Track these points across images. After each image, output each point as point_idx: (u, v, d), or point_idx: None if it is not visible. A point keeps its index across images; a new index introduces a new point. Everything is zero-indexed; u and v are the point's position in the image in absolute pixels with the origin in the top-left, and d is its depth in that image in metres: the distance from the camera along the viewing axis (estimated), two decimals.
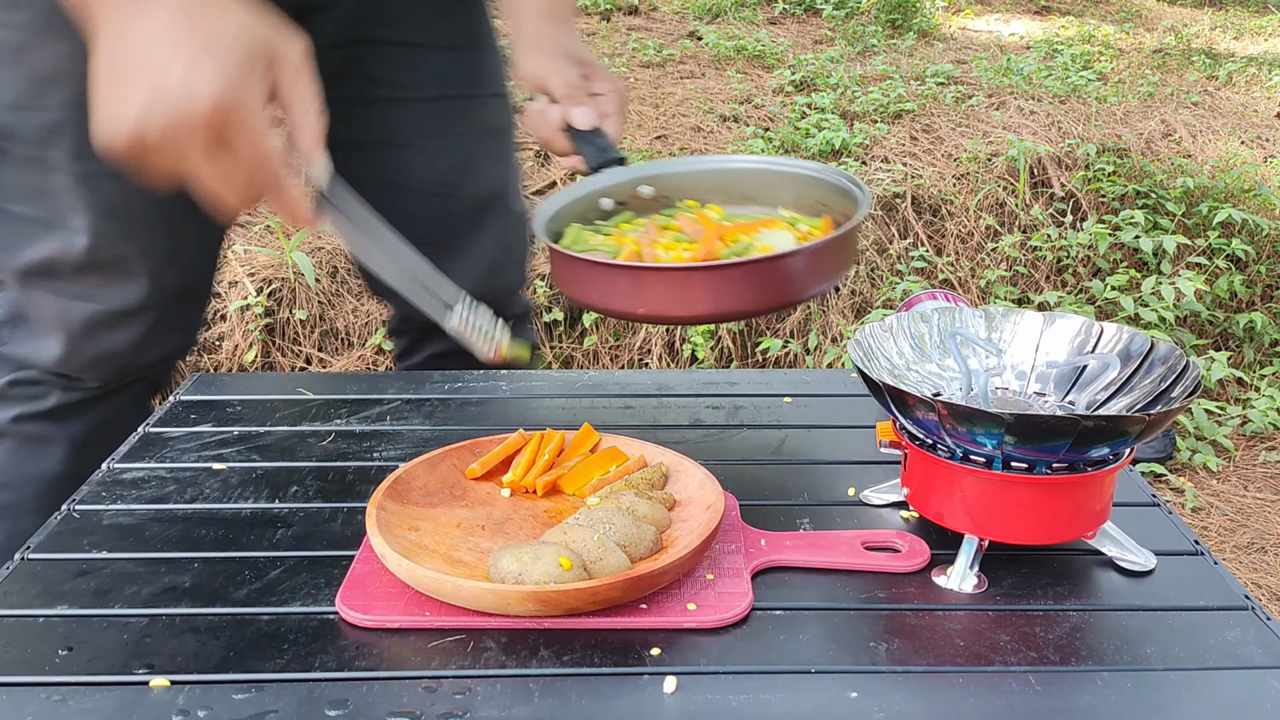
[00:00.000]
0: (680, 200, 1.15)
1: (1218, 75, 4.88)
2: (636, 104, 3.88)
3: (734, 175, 1.16)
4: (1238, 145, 3.84)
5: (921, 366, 0.94)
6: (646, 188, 1.14)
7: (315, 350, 2.74)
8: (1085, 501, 0.82)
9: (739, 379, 1.23)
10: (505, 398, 1.18)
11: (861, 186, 1.07)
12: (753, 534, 0.86)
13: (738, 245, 1.02)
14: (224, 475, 0.99)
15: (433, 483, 0.91)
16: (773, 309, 0.99)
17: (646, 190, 1.14)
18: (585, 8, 5.33)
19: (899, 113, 3.85)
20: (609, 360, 2.84)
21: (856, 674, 0.71)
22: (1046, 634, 0.75)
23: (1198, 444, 2.64)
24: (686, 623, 0.75)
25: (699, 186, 1.16)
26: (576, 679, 0.70)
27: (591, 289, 0.97)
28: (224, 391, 1.19)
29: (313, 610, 0.78)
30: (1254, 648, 0.74)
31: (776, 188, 1.15)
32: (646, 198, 1.14)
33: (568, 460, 0.95)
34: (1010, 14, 6.11)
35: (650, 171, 1.14)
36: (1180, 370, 0.85)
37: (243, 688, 0.69)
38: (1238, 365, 3.04)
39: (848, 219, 1.08)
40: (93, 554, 0.85)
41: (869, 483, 0.96)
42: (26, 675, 0.71)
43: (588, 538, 0.78)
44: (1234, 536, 2.34)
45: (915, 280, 2.99)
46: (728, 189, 1.15)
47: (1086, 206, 3.39)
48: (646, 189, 1.14)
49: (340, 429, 1.10)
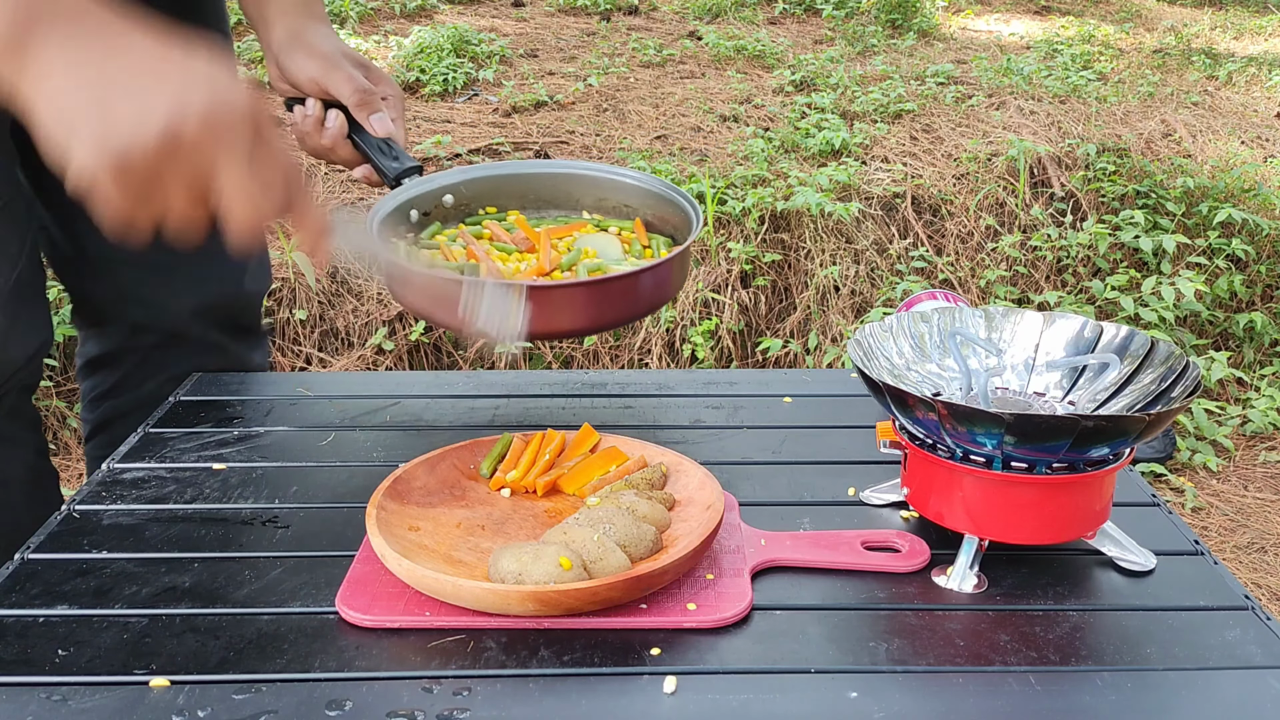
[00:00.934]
0: (480, 208, 1.14)
1: (1218, 75, 4.88)
2: (636, 104, 3.88)
3: (532, 181, 1.16)
4: (1238, 145, 3.83)
5: (921, 366, 0.94)
6: (448, 196, 1.12)
7: (315, 350, 2.74)
8: (1085, 501, 0.82)
9: (739, 379, 1.23)
10: (505, 397, 1.18)
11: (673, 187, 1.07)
12: (753, 534, 0.86)
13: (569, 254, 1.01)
14: (224, 475, 0.99)
15: (433, 483, 0.91)
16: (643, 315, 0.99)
17: (448, 199, 1.12)
18: (585, 7, 5.33)
19: (899, 113, 3.85)
20: (609, 360, 2.84)
21: (856, 674, 0.71)
22: (1046, 634, 0.75)
23: (1198, 444, 2.64)
24: (686, 623, 0.75)
25: (498, 193, 1.14)
26: (576, 679, 0.70)
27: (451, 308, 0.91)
28: (224, 391, 1.19)
29: (313, 610, 0.78)
30: (1254, 648, 0.74)
31: (575, 192, 1.15)
32: (448, 207, 1.12)
33: (568, 460, 0.95)
34: (1010, 14, 6.11)
35: (450, 180, 1.12)
36: (1180, 370, 0.85)
37: (242, 688, 0.69)
38: (1238, 365, 3.04)
39: (661, 219, 1.08)
40: (93, 554, 0.85)
41: (869, 483, 0.96)
42: (26, 675, 0.71)
43: (588, 538, 0.78)
44: (1234, 536, 2.34)
45: (915, 280, 2.99)
46: (525, 195, 1.15)
47: (1086, 206, 3.39)
48: (448, 198, 1.12)
49: (340, 429, 1.10)
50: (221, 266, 1.30)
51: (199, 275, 1.28)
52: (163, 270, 1.26)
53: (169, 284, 1.27)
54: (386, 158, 1.03)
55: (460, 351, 2.80)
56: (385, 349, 2.72)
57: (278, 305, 2.75)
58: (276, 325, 2.74)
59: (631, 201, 1.12)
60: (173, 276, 1.27)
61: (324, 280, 2.78)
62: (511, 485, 0.92)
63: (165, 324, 1.29)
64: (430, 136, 3.42)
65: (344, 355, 2.75)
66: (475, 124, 3.66)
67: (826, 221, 3.06)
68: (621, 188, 1.13)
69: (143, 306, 1.28)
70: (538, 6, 5.41)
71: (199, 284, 1.29)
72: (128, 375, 1.32)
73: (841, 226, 3.09)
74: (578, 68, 4.33)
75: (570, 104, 3.89)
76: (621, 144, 3.47)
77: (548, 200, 1.15)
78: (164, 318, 1.29)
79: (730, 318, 2.88)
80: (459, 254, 1.02)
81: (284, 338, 2.75)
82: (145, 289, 1.27)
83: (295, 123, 1.07)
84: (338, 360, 2.74)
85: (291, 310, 2.75)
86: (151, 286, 1.27)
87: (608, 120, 3.71)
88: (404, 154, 1.05)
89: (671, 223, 1.08)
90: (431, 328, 2.77)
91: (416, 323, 2.75)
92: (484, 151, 3.38)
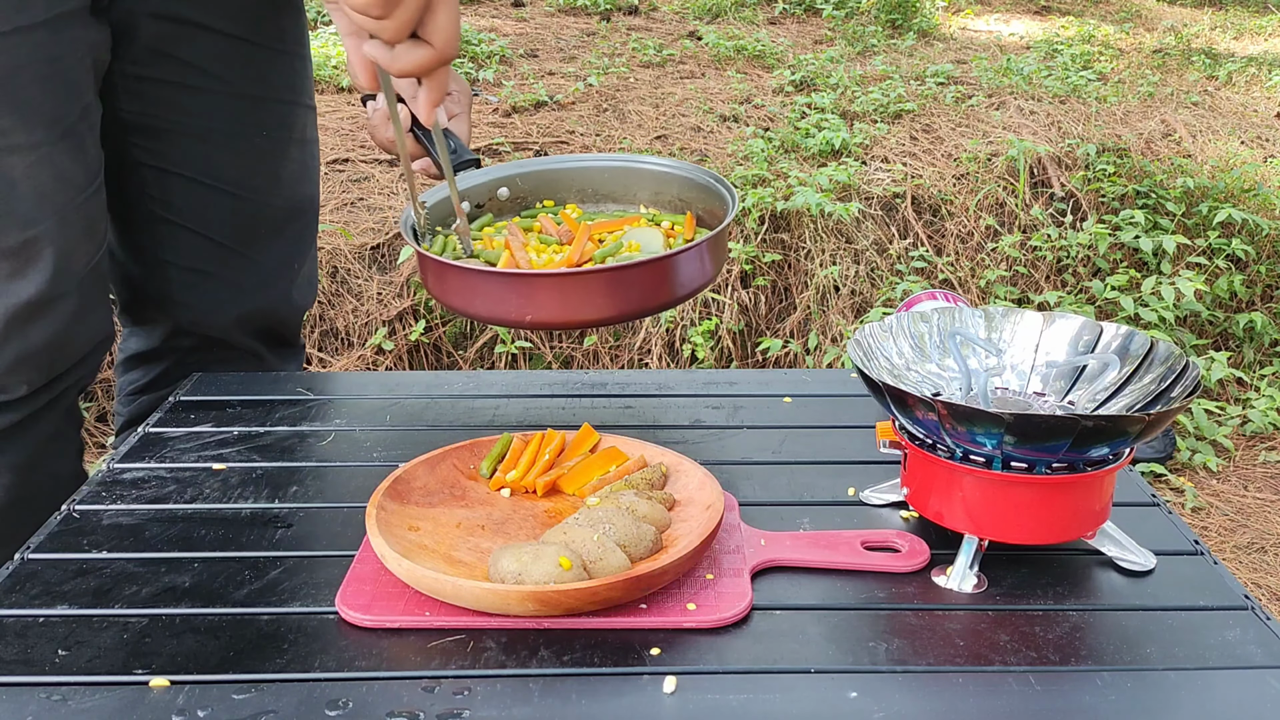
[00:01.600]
0: (537, 201, 1.15)
1: (1218, 75, 4.88)
2: (636, 104, 3.88)
3: (590, 174, 1.16)
4: (1238, 145, 3.83)
5: (921, 366, 0.94)
6: (503, 189, 1.13)
7: (315, 350, 2.74)
8: (1085, 501, 0.82)
9: (739, 379, 1.23)
10: (505, 397, 1.18)
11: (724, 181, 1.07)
12: (753, 534, 0.86)
13: (606, 247, 1.01)
14: (224, 475, 0.99)
15: (433, 483, 0.91)
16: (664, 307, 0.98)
17: (503, 192, 1.13)
18: (585, 7, 5.33)
19: (899, 113, 3.85)
20: (609, 360, 2.84)
21: (856, 674, 0.71)
22: (1046, 634, 0.75)
23: (1198, 444, 2.64)
24: (686, 623, 0.75)
25: (555, 186, 1.15)
26: (576, 679, 0.70)
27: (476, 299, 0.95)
28: (224, 391, 1.19)
29: (313, 610, 0.78)
30: (1254, 648, 0.74)
31: (634, 185, 1.15)
32: (504, 200, 1.13)
33: (568, 460, 0.95)
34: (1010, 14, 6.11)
35: (506, 173, 1.13)
36: (1180, 370, 0.85)
37: (243, 688, 0.69)
38: (1238, 365, 3.04)
39: (710, 214, 1.08)
40: (93, 554, 0.85)
41: (869, 483, 0.96)
42: (26, 675, 0.71)
43: (588, 538, 0.78)
44: (1234, 536, 2.34)
45: (915, 280, 2.99)
46: (584, 188, 1.15)
47: (1086, 206, 3.39)
48: (503, 191, 1.13)
49: (340, 429, 1.09)
50: (270, 277, 1.34)
51: (248, 283, 1.32)
52: (211, 276, 1.30)
53: (216, 290, 1.30)
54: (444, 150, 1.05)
55: (460, 351, 2.80)
56: (385, 349, 2.72)
57: None
58: None
59: (687, 195, 1.12)
60: (221, 283, 1.30)
61: (324, 280, 2.78)
62: (511, 485, 0.92)
63: (207, 328, 1.32)
64: None
65: (344, 355, 2.75)
66: (475, 124, 3.66)
67: (826, 221, 3.06)
68: (676, 181, 1.12)
69: (188, 310, 1.32)
70: (538, 6, 5.41)
71: (246, 292, 1.32)
72: (165, 373, 1.35)
73: (841, 226, 3.09)
74: (578, 68, 4.33)
75: (570, 104, 3.89)
76: (621, 144, 3.47)
77: (605, 194, 1.16)
78: (207, 322, 1.32)
79: (730, 318, 2.88)
80: (499, 244, 1.03)
81: None
82: (192, 293, 1.30)
83: (369, 116, 1.11)
84: (338, 360, 2.74)
85: None
86: (199, 291, 1.30)
87: (608, 120, 3.71)
88: (463, 147, 1.06)
89: (719, 216, 1.08)
90: (431, 327, 2.77)
91: (416, 322, 2.75)
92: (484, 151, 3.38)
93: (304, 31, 1.32)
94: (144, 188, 1.26)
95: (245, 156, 1.28)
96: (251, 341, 1.35)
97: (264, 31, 1.26)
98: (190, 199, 1.27)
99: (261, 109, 1.28)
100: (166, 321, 1.33)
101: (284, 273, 1.35)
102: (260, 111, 1.28)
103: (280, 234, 1.34)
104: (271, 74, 1.28)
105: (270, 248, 1.34)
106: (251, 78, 1.26)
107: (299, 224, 1.36)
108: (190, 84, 1.23)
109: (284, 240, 1.35)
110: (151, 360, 1.36)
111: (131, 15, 1.17)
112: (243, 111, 1.27)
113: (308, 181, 1.36)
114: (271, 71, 1.28)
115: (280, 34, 1.27)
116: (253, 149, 1.28)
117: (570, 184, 1.16)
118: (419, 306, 2.78)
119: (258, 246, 1.32)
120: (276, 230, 1.33)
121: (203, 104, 1.24)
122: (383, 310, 2.78)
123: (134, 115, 1.22)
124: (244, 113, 1.27)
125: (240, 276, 1.31)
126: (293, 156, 1.32)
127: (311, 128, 1.35)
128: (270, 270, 1.34)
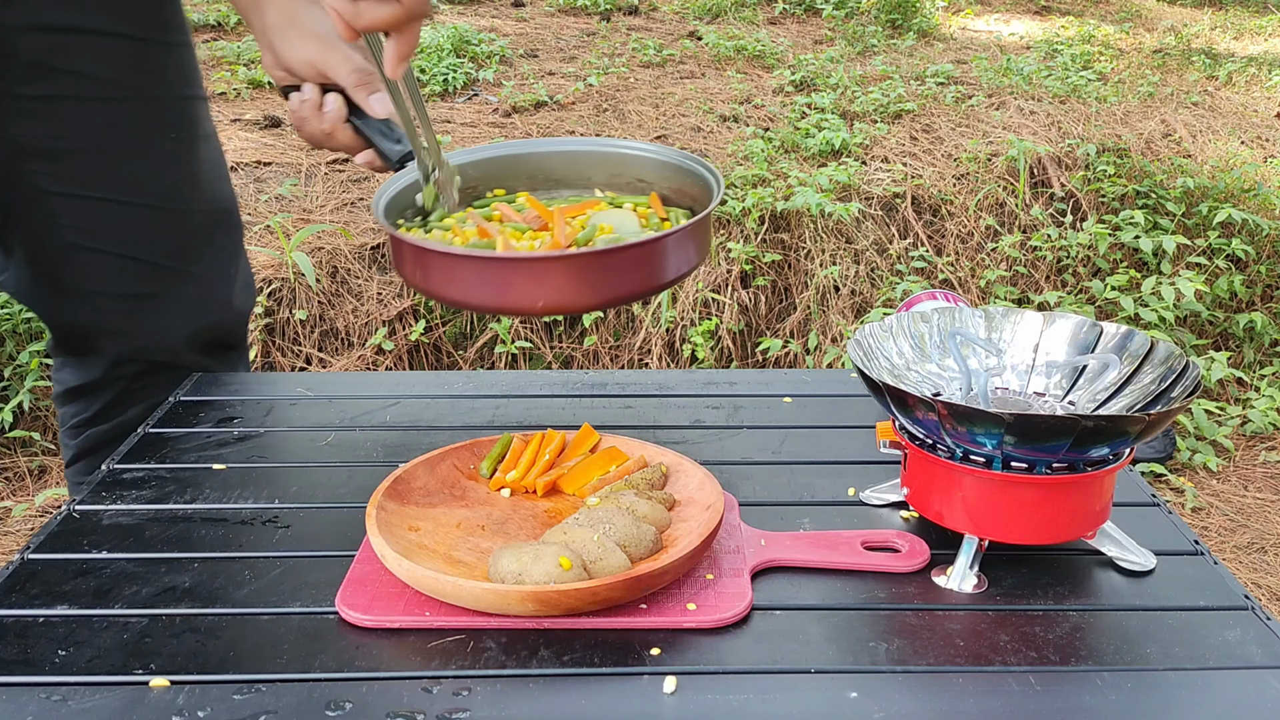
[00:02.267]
0: (488, 190, 1.08)
1: (1218, 75, 4.88)
2: (636, 104, 3.88)
3: (542, 159, 1.10)
4: (1238, 145, 3.83)
5: (921, 366, 0.94)
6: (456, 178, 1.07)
7: (315, 350, 2.74)
8: (1085, 501, 0.82)
9: (739, 379, 1.23)
10: (505, 397, 1.18)
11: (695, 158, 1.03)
12: (753, 534, 0.86)
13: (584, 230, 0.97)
14: (224, 475, 0.99)
15: (433, 483, 0.91)
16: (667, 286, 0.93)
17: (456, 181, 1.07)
18: (585, 8, 5.33)
19: (899, 113, 3.85)
20: (609, 360, 2.84)
21: (856, 674, 0.71)
22: (1046, 634, 0.75)
23: (1198, 444, 2.64)
24: (686, 623, 0.75)
25: (506, 174, 1.09)
26: (576, 679, 0.70)
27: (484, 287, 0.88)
28: (224, 391, 1.19)
29: (313, 610, 0.78)
30: (1254, 648, 0.74)
31: (587, 169, 1.10)
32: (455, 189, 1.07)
33: (568, 460, 0.95)
34: (1010, 14, 6.11)
35: (456, 161, 1.07)
36: (1180, 370, 0.85)
37: (242, 688, 0.69)
38: (1238, 365, 3.04)
39: (678, 193, 1.04)
40: (93, 554, 0.85)
41: (869, 483, 0.96)
42: (26, 675, 0.71)
43: (588, 538, 0.78)
44: (1234, 536, 2.34)
45: (915, 280, 2.99)
46: (535, 175, 1.10)
47: (1086, 206, 3.39)
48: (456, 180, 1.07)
49: (340, 429, 1.09)
50: (211, 288, 1.26)
51: (191, 300, 1.24)
52: (149, 300, 1.22)
53: (157, 315, 1.22)
54: (388, 140, 0.99)
55: (460, 352, 2.80)
56: (385, 349, 2.72)
57: (278, 305, 2.74)
58: (276, 325, 2.74)
59: (646, 176, 1.08)
60: (161, 306, 1.22)
61: (324, 280, 2.78)
62: (511, 485, 0.92)
63: (153, 354, 1.24)
64: None
65: (344, 355, 2.75)
66: (475, 124, 3.66)
67: (826, 221, 3.06)
68: (635, 162, 1.08)
69: (131, 339, 1.23)
70: (538, 6, 5.41)
71: (190, 310, 1.24)
72: (110, 404, 1.26)
73: (841, 226, 3.09)
74: (578, 68, 4.33)
75: (570, 104, 3.89)
76: None
77: (558, 179, 1.10)
78: (153, 348, 1.24)
79: (730, 318, 2.88)
80: (470, 234, 0.98)
81: (284, 338, 2.75)
82: (134, 321, 1.22)
83: (294, 109, 1.03)
84: (338, 360, 2.74)
85: (291, 310, 2.75)
86: (140, 319, 1.22)
87: (608, 120, 3.71)
88: (405, 136, 1.00)
89: (690, 194, 1.04)
90: (431, 327, 2.77)
91: (416, 322, 2.75)
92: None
93: (184, 19, 1.22)
94: (55, 217, 1.16)
95: (159, 164, 1.19)
96: (199, 357, 1.27)
97: (150, 25, 1.16)
98: (110, 221, 1.17)
99: (165, 109, 1.18)
100: (107, 353, 1.24)
101: (223, 281, 1.27)
102: (164, 112, 1.18)
103: (211, 240, 1.25)
104: (166, 69, 1.18)
105: (205, 257, 1.25)
106: (148, 78, 1.16)
107: (226, 225, 1.28)
108: (86, 95, 1.13)
109: (216, 247, 1.26)
110: (92, 393, 1.26)
111: (6, 32, 1.08)
112: (147, 116, 1.17)
113: (222, 179, 1.27)
114: (166, 67, 1.18)
115: (164, 26, 1.17)
116: (165, 154, 1.19)
117: (521, 170, 1.10)
118: (419, 306, 2.78)
119: (192, 259, 1.23)
120: (207, 237, 1.25)
121: (103, 115, 1.14)
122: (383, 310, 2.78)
123: (31, 139, 1.13)
124: (148, 117, 1.17)
125: (181, 295, 1.23)
126: (203, 155, 1.23)
127: (209, 120, 1.25)
128: (210, 282, 1.25)
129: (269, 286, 2.75)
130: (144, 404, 1.23)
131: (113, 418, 1.26)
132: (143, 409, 1.22)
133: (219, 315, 1.27)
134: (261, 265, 2.78)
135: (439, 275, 0.91)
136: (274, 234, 2.88)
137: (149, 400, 1.22)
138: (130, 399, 1.25)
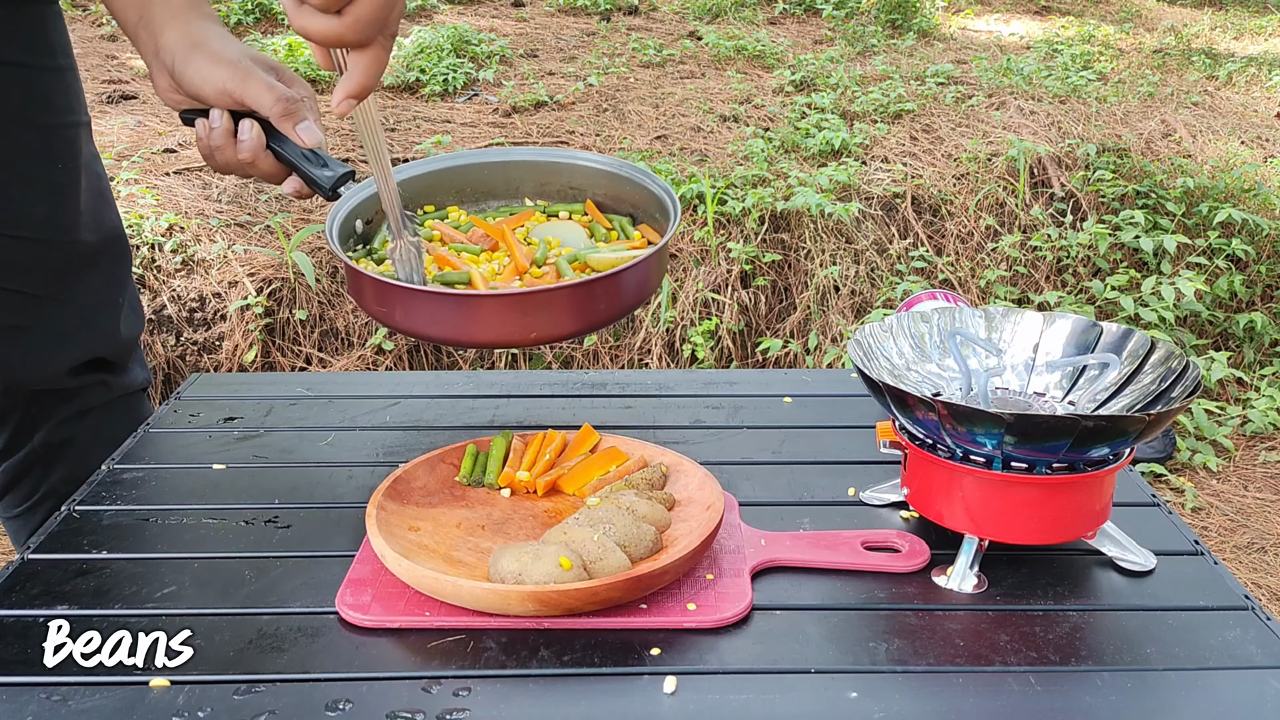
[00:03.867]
0: (418, 208, 1.06)
1: (1218, 75, 4.88)
2: (636, 104, 3.88)
3: (466, 172, 1.08)
4: (1238, 145, 3.83)
5: (921, 366, 0.94)
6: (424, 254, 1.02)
7: (315, 350, 2.74)
8: (1085, 501, 0.82)
9: (739, 379, 1.23)
10: (505, 397, 1.18)
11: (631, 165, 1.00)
12: (753, 534, 0.86)
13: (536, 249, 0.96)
14: (224, 475, 0.99)
15: (433, 483, 0.91)
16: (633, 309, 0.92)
17: None
18: (585, 8, 5.33)
19: (899, 113, 3.85)
20: (609, 360, 2.84)
21: (856, 674, 0.71)
22: (1046, 634, 0.75)
23: (1198, 444, 2.64)
24: (686, 623, 0.75)
25: (433, 190, 1.07)
26: (576, 679, 0.70)
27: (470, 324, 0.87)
28: (224, 391, 1.19)
29: (313, 610, 0.78)
30: (1254, 648, 0.74)
31: (514, 179, 1.08)
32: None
33: (568, 460, 0.95)
34: (1010, 14, 6.11)
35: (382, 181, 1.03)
36: (1180, 370, 0.85)
37: (242, 688, 0.69)
38: (1238, 365, 3.04)
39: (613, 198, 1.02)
40: (93, 554, 0.85)
41: (869, 483, 0.96)
42: (26, 675, 0.71)
43: (588, 538, 0.78)
44: (1234, 536, 2.34)
45: (915, 280, 2.99)
46: (463, 188, 1.08)
47: (1086, 206, 3.39)
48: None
49: (340, 429, 1.10)
50: (93, 317, 1.19)
51: (71, 330, 1.17)
52: (28, 331, 1.15)
53: (36, 345, 1.16)
54: (316, 166, 0.94)
55: (460, 352, 2.79)
56: (385, 349, 2.72)
57: (278, 305, 2.75)
58: (276, 325, 2.74)
59: (577, 183, 1.06)
60: (41, 336, 1.16)
61: (324, 280, 2.78)
62: (512, 485, 0.92)
63: (36, 384, 1.18)
64: (430, 137, 3.42)
65: (344, 355, 2.75)
66: (475, 124, 3.66)
67: (826, 221, 3.06)
68: (564, 169, 1.06)
69: (9, 370, 1.16)
70: (538, 6, 5.41)
71: (70, 340, 1.18)
72: (13, 436, 1.20)
73: (841, 226, 3.09)
74: (578, 68, 4.33)
75: (570, 104, 3.89)
76: (621, 144, 3.47)
77: (485, 191, 1.08)
78: (34, 378, 1.17)
79: (730, 318, 2.88)
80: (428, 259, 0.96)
81: (284, 338, 2.75)
82: (12, 351, 1.15)
83: (202, 138, 0.94)
84: (338, 360, 2.74)
85: (291, 310, 2.75)
86: (18, 348, 1.15)
87: (608, 120, 3.71)
88: (333, 160, 0.95)
89: (629, 200, 1.02)
90: None
91: None
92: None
93: (68, 39, 1.15)
94: None
95: (45, 194, 1.12)
96: (89, 378, 1.20)
97: (36, 50, 1.09)
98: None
99: (51, 137, 1.12)
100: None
101: (108, 310, 1.20)
102: (50, 140, 1.12)
103: (96, 269, 1.18)
104: (54, 95, 1.12)
105: (89, 287, 1.18)
106: (36, 105, 1.10)
107: (113, 253, 1.21)
108: None
109: (101, 276, 1.19)
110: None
111: None
112: (33, 145, 1.10)
113: (109, 207, 1.21)
114: (53, 93, 1.12)
115: (51, 50, 1.11)
116: (51, 184, 1.12)
117: (448, 185, 1.08)
118: None
119: (75, 289, 1.17)
120: (92, 266, 1.18)
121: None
122: None
123: None
124: (34, 146, 1.10)
125: (61, 325, 1.16)
126: (89, 185, 1.16)
127: (91, 144, 1.18)
128: (92, 311, 1.18)
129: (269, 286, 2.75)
130: (48, 427, 1.19)
131: (21, 447, 1.20)
132: (47, 433, 1.19)
133: (103, 344, 1.21)
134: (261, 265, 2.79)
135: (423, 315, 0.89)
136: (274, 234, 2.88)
137: (53, 422, 1.19)
138: (32, 425, 1.19)
